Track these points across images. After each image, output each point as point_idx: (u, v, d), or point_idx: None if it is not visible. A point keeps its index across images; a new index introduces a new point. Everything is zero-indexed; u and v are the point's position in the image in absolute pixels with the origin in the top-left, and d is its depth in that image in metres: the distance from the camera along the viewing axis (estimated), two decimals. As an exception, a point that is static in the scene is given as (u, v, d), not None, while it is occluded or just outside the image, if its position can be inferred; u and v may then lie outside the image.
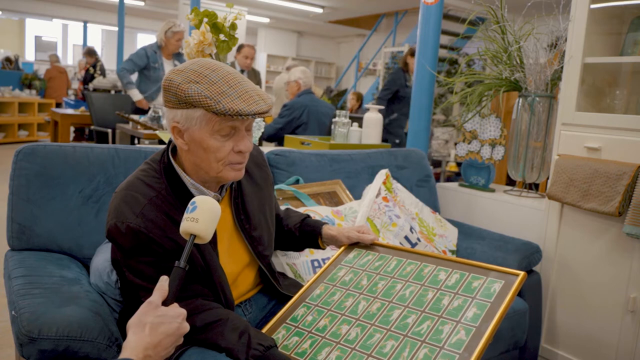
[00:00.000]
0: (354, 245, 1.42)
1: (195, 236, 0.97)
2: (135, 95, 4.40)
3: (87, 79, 7.94)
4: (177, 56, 4.55)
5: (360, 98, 7.92)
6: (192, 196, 1.15)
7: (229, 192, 1.27)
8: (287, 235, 1.48)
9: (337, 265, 1.37)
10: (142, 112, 4.34)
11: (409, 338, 1.07)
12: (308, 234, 1.45)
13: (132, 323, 0.89)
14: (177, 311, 0.92)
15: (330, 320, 1.20)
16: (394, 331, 1.10)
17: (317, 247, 1.46)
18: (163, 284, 0.93)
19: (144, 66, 4.43)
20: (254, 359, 1.06)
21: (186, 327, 0.93)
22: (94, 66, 7.98)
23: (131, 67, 4.37)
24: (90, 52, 8.28)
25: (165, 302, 0.92)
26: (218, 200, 1.22)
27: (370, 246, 1.40)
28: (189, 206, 0.99)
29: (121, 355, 0.85)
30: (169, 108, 1.11)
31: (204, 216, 0.97)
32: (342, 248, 1.42)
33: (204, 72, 1.08)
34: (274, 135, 3.64)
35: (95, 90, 6.68)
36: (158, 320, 0.88)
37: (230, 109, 1.05)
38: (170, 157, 1.18)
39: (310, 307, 1.26)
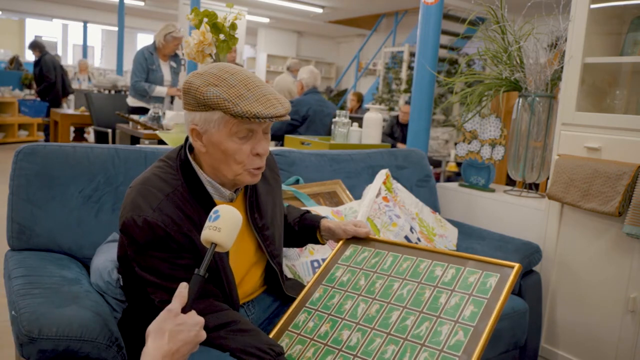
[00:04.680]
0: (351, 240, 1.43)
1: (215, 245, 0.98)
2: (161, 91, 4.35)
3: (37, 75, 7.17)
4: (174, 57, 4.52)
5: (360, 98, 7.93)
6: (208, 194, 1.17)
7: (243, 190, 1.28)
8: (288, 230, 1.48)
9: (335, 264, 1.38)
10: (142, 112, 4.33)
11: (408, 342, 1.09)
12: (307, 228, 1.46)
13: (152, 330, 0.90)
14: (196, 319, 0.93)
15: (331, 326, 1.21)
16: (394, 335, 1.12)
17: (316, 241, 1.46)
18: (182, 291, 0.94)
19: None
20: None
21: (203, 335, 0.93)
22: (39, 61, 7.13)
23: (140, 75, 4.32)
24: (34, 46, 7.29)
25: (184, 309, 0.93)
26: (232, 200, 1.24)
27: (366, 241, 1.41)
28: (212, 214, 1.00)
29: None
30: (188, 110, 1.12)
31: (226, 225, 0.98)
32: (340, 243, 1.43)
33: (223, 75, 1.09)
34: (285, 131, 3.71)
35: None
36: (177, 328, 0.89)
37: (248, 111, 1.06)
38: (188, 154, 1.19)
39: (311, 312, 1.27)
